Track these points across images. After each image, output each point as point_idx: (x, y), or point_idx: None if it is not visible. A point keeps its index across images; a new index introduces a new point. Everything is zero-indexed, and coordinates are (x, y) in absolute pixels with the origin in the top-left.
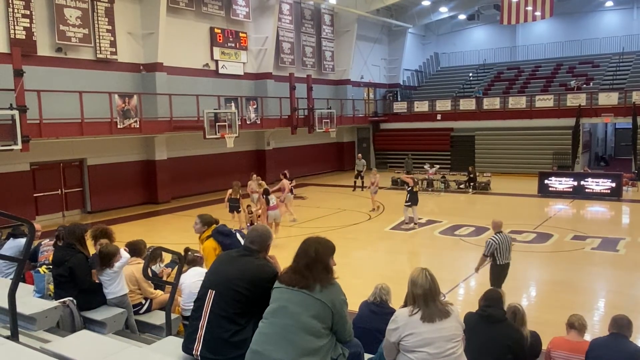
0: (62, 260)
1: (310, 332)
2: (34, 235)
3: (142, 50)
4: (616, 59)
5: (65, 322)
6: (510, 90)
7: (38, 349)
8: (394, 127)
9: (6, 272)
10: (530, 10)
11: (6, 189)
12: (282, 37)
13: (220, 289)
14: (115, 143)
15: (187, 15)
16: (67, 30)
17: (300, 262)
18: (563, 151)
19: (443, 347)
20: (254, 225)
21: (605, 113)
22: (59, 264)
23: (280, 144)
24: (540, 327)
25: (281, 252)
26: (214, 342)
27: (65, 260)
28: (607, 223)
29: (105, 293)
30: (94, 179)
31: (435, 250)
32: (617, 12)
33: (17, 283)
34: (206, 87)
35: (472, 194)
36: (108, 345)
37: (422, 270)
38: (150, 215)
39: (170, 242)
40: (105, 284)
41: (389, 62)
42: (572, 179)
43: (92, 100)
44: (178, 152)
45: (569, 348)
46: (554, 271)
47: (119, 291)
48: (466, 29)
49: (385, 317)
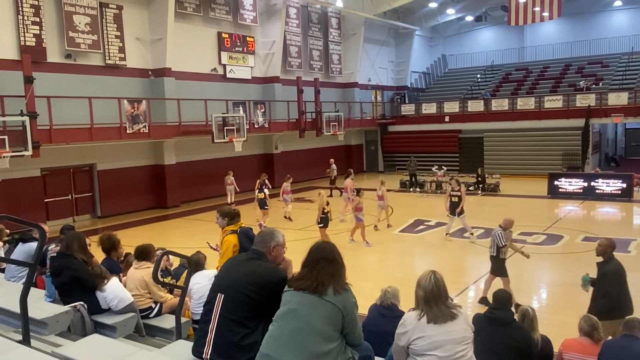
0: (60, 269)
1: (320, 335)
2: (45, 240)
3: (151, 55)
4: (625, 58)
5: (76, 327)
6: (519, 91)
7: (49, 353)
8: (402, 130)
9: (18, 276)
10: (538, 10)
11: (17, 195)
12: (289, 40)
13: (229, 292)
14: (125, 148)
15: (194, 21)
16: (76, 37)
17: (311, 266)
18: (572, 152)
19: (452, 350)
20: (263, 229)
21: (615, 113)
22: (58, 273)
23: (288, 148)
24: (551, 330)
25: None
26: (223, 346)
27: (65, 268)
28: (618, 224)
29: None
30: (104, 184)
31: (444, 252)
32: (626, 11)
33: (28, 288)
34: (214, 92)
35: (481, 196)
36: (118, 349)
37: (429, 273)
38: (160, 219)
39: (180, 246)
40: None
41: (397, 65)
42: (582, 180)
43: (101, 105)
44: (187, 156)
45: (581, 350)
46: (565, 273)
47: (118, 304)
48: (473, 30)
49: (395, 320)
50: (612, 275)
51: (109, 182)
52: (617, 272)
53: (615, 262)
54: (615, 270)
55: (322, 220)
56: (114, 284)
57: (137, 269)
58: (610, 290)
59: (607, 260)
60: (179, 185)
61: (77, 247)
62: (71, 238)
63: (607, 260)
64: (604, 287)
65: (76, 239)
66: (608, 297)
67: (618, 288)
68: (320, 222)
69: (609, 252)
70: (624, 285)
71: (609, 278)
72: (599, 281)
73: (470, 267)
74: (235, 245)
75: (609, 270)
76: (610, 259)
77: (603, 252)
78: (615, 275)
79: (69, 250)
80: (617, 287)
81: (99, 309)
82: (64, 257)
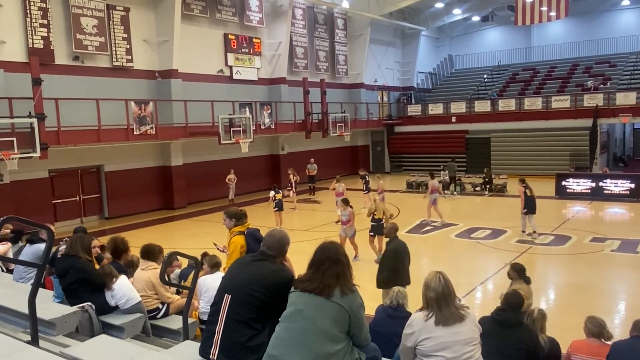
0: (66, 270)
1: (326, 336)
2: (53, 241)
3: (158, 57)
4: (633, 58)
5: (84, 327)
6: (526, 92)
7: (58, 354)
8: (409, 130)
9: (26, 277)
10: (545, 10)
11: (26, 196)
12: (295, 42)
13: (236, 293)
14: (132, 149)
15: (201, 22)
16: (83, 39)
17: (316, 267)
18: (580, 152)
19: (460, 351)
20: (271, 230)
21: (623, 113)
22: (64, 274)
23: (295, 149)
24: (559, 331)
25: (295, 256)
26: (230, 347)
27: (71, 268)
28: (626, 224)
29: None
30: (111, 185)
31: (451, 253)
32: (633, 11)
33: (37, 288)
34: (221, 93)
35: (488, 197)
36: (126, 350)
37: (436, 274)
38: (167, 220)
39: (187, 247)
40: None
41: (403, 65)
42: (590, 180)
43: (108, 107)
44: (194, 157)
45: (589, 351)
46: (573, 274)
47: (126, 303)
48: (480, 30)
49: (402, 321)
50: (392, 253)
51: (116, 183)
52: (396, 250)
53: (397, 242)
54: (395, 249)
55: (373, 228)
56: (123, 282)
57: (143, 270)
58: (389, 265)
59: (391, 240)
60: (185, 186)
61: (80, 247)
62: (75, 239)
63: (391, 240)
64: (385, 262)
65: (79, 239)
66: (387, 271)
67: (395, 263)
68: (371, 230)
69: (392, 233)
70: (400, 261)
71: (390, 255)
72: (382, 257)
73: (477, 268)
74: (242, 246)
75: (390, 248)
76: (393, 239)
77: (388, 234)
78: (394, 252)
79: (73, 251)
80: (394, 262)
81: (107, 308)
82: (68, 257)
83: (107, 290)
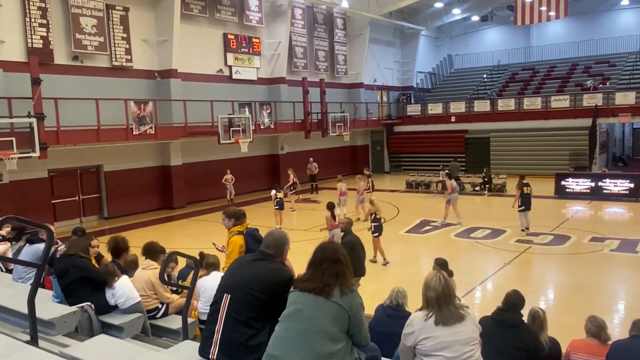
0: (65, 270)
1: (326, 335)
2: (53, 241)
3: (157, 57)
4: (633, 58)
5: (83, 327)
6: (525, 91)
7: (57, 354)
8: (408, 130)
9: (26, 277)
10: (544, 10)
11: (25, 196)
12: (294, 41)
13: (235, 292)
14: (131, 149)
15: (200, 22)
16: (83, 39)
17: (315, 267)
18: (580, 152)
19: (460, 351)
20: (271, 230)
21: (623, 113)
22: (62, 274)
23: (294, 148)
24: (559, 331)
25: (295, 256)
26: (230, 346)
27: (71, 267)
28: (626, 224)
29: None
30: (111, 185)
31: (451, 253)
32: (633, 11)
33: (36, 288)
34: (220, 93)
35: (488, 196)
36: (126, 350)
37: (436, 274)
38: (166, 220)
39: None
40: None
41: (402, 65)
42: (589, 180)
43: (108, 107)
44: (193, 157)
45: (588, 351)
46: (573, 273)
47: (125, 302)
48: (479, 30)
49: (402, 320)
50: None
51: (116, 183)
52: (349, 243)
53: (351, 236)
54: (348, 242)
55: (376, 228)
56: (124, 281)
57: (144, 270)
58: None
59: (346, 234)
60: (185, 186)
61: (78, 248)
62: (72, 242)
63: (346, 234)
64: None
65: (75, 242)
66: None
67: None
68: (374, 230)
69: (348, 228)
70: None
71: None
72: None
73: (476, 268)
74: (241, 246)
75: (346, 242)
76: (348, 234)
77: (344, 229)
78: (349, 245)
79: (72, 251)
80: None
81: (106, 307)
82: (67, 257)
83: (108, 288)
